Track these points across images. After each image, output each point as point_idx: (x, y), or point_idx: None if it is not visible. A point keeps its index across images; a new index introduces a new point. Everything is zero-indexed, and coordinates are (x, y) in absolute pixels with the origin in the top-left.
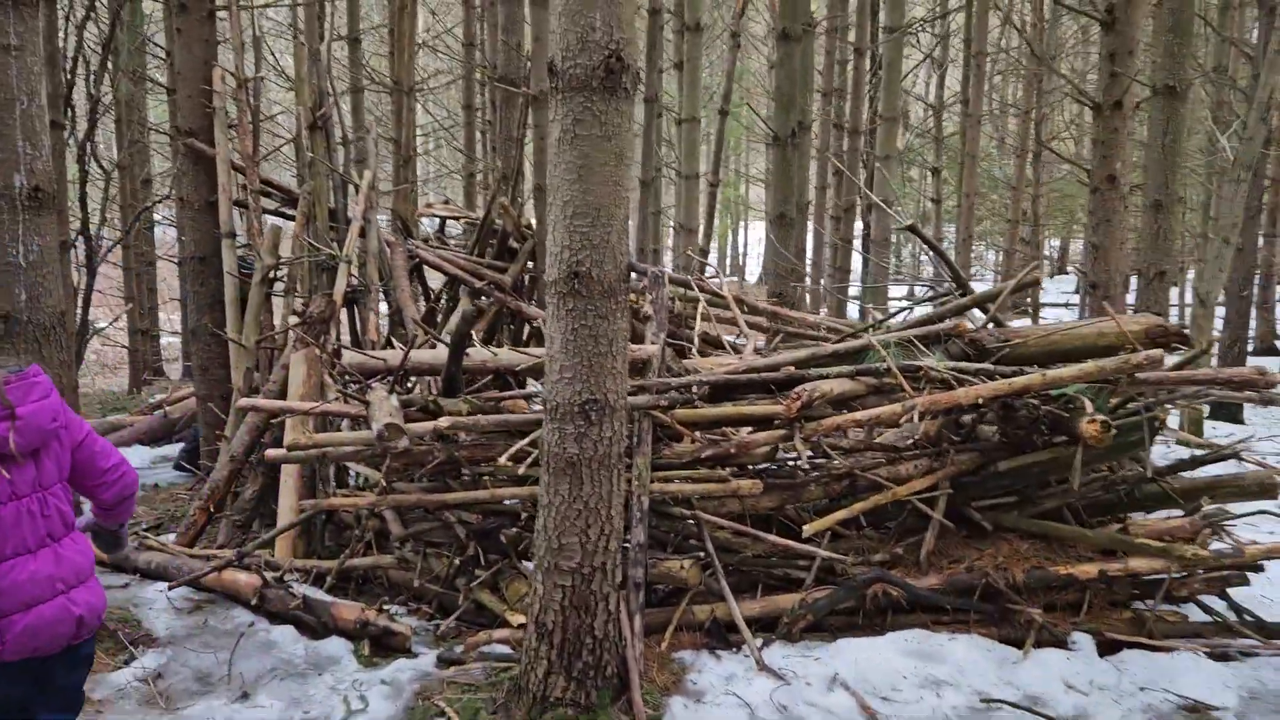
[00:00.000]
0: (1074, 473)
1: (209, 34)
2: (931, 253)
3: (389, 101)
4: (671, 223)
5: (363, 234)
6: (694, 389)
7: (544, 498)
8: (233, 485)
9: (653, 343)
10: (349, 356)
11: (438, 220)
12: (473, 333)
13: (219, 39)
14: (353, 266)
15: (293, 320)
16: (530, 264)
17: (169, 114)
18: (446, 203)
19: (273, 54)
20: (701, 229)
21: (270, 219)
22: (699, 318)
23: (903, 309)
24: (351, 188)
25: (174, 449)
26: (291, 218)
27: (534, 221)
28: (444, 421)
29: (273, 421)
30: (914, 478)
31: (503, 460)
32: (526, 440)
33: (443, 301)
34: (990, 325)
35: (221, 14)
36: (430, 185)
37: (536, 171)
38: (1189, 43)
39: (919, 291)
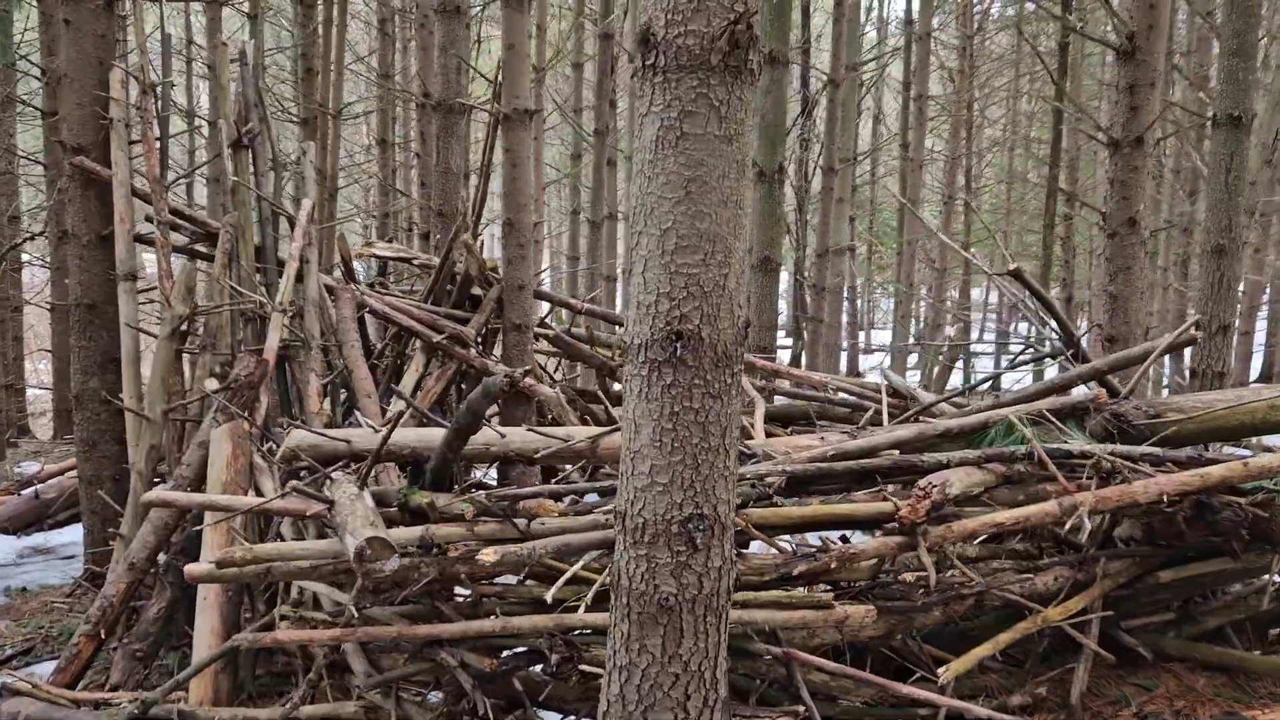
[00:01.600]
0: (1268, 585)
1: (105, 28)
2: (1038, 303)
3: (294, 133)
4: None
5: (300, 277)
6: (771, 481)
7: (619, 655)
8: (130, 600)
9: None
10: (299, 436)
11: (375, 263)
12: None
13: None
14: (287, 317)
15: (210, 384)
16: (496, 314)
17: (43, 138)
18: (390, 241)
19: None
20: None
21: (180, 258)
22: None
23: (993, 374)
24: (283, 221)
25: (49, 537)
26: (206, 256)
27: (500, 263)
28: (489, 555)
29: (187, 517)
30: (1057, 594)
31: (551, 594)
32: (581, 564)
33: (386, 359)
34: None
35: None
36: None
37: (505, 203)
38: (1253, 68)
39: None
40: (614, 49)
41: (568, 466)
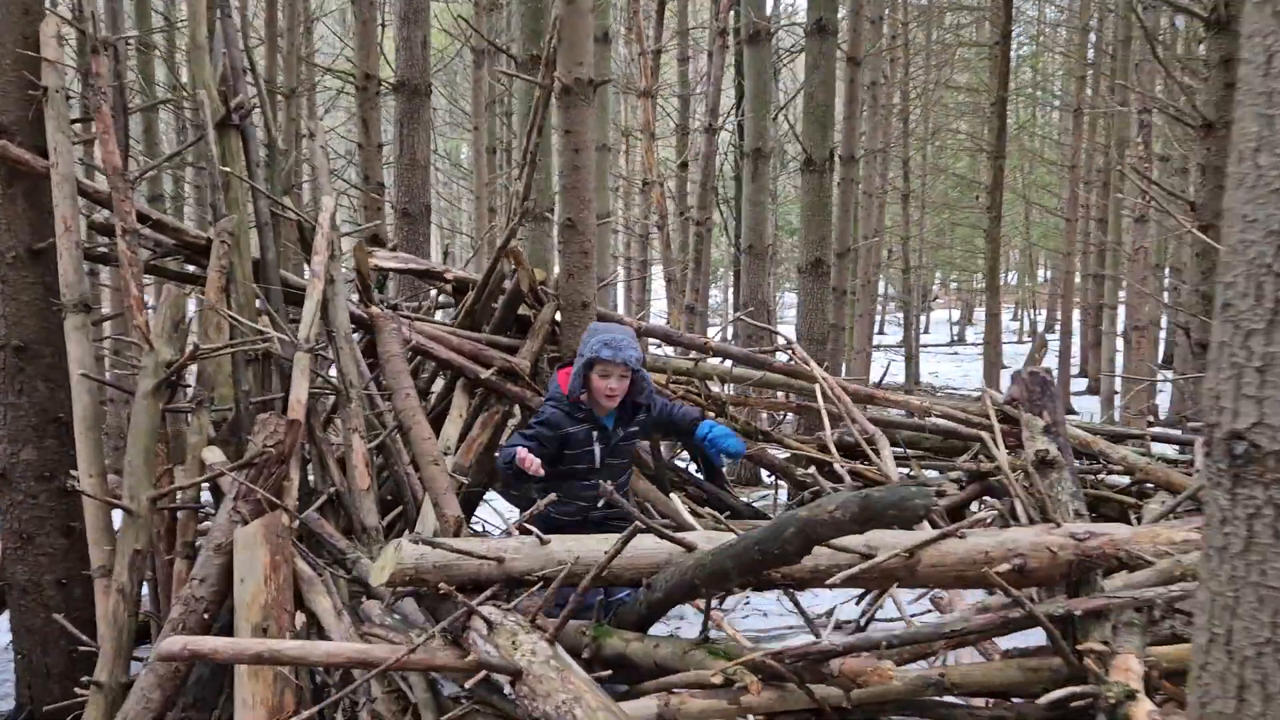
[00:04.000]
0: None
1: None
2: None
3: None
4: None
5: (324, 304)
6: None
7: None
8: None
9: (1065, 520)
10: (415, 551)
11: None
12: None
13: None
14: (314, 360)
15: (212, 455)
16: (549, 339)
17: None
18: (394, 249)
19: None
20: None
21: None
22: (826, 417)
23: None
24: (289, 225)
25: None
26: (190, 278)
27: (560, 273)
28: None
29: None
30: None
31: None
32: None
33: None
34: None
35: None
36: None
37: (565, 200)
38: None
39: None
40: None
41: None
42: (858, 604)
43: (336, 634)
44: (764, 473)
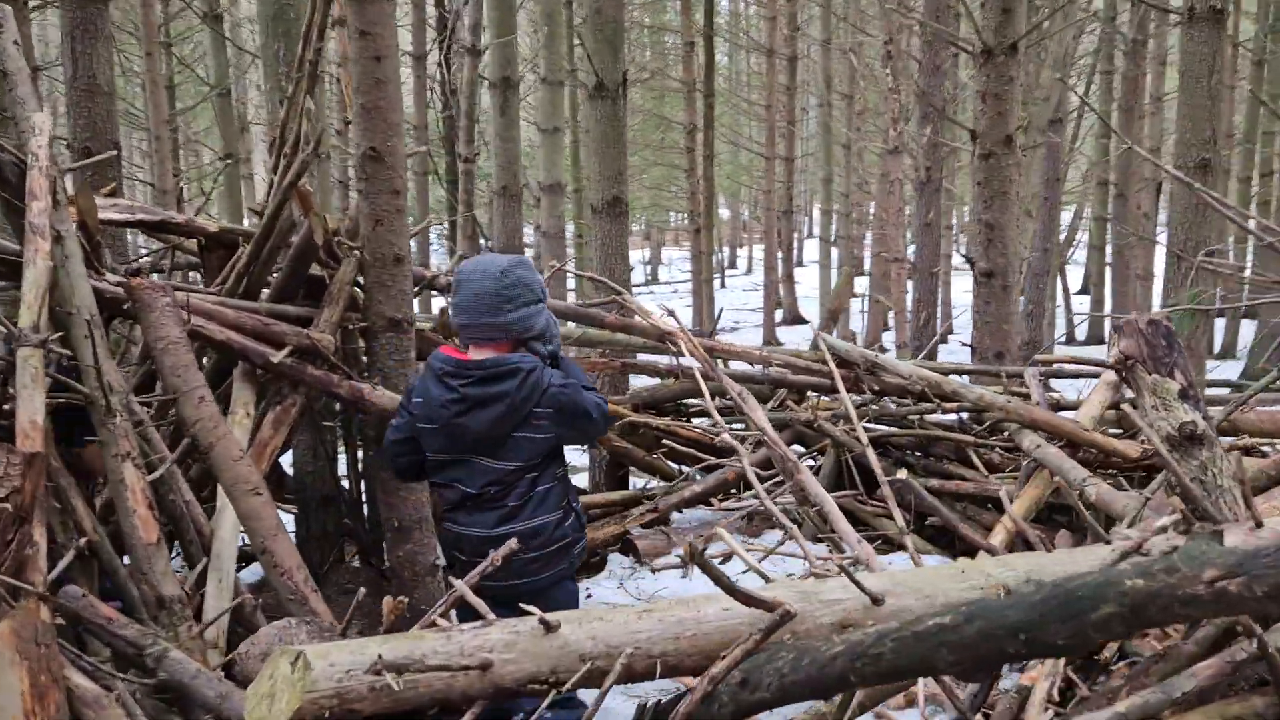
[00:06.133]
0: None
1: None
2: None
3: None
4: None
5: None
6: None
7: None
8: None
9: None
10: (328, 670)
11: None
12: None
13: None
14: (51, 351)
15: None
16: (353, 307)
17: None
18: (113, 194)
19: None
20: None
21: None
22: (701, 380)
23: None
24: None
25: None
26: None
27: (364, 221)
28: None
29: None
30: None
31: None
32: None
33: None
34: None
35: None
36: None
37: (364, 128)
38: None
39: None
40: None
41: None
42: None
43: None
44: None
